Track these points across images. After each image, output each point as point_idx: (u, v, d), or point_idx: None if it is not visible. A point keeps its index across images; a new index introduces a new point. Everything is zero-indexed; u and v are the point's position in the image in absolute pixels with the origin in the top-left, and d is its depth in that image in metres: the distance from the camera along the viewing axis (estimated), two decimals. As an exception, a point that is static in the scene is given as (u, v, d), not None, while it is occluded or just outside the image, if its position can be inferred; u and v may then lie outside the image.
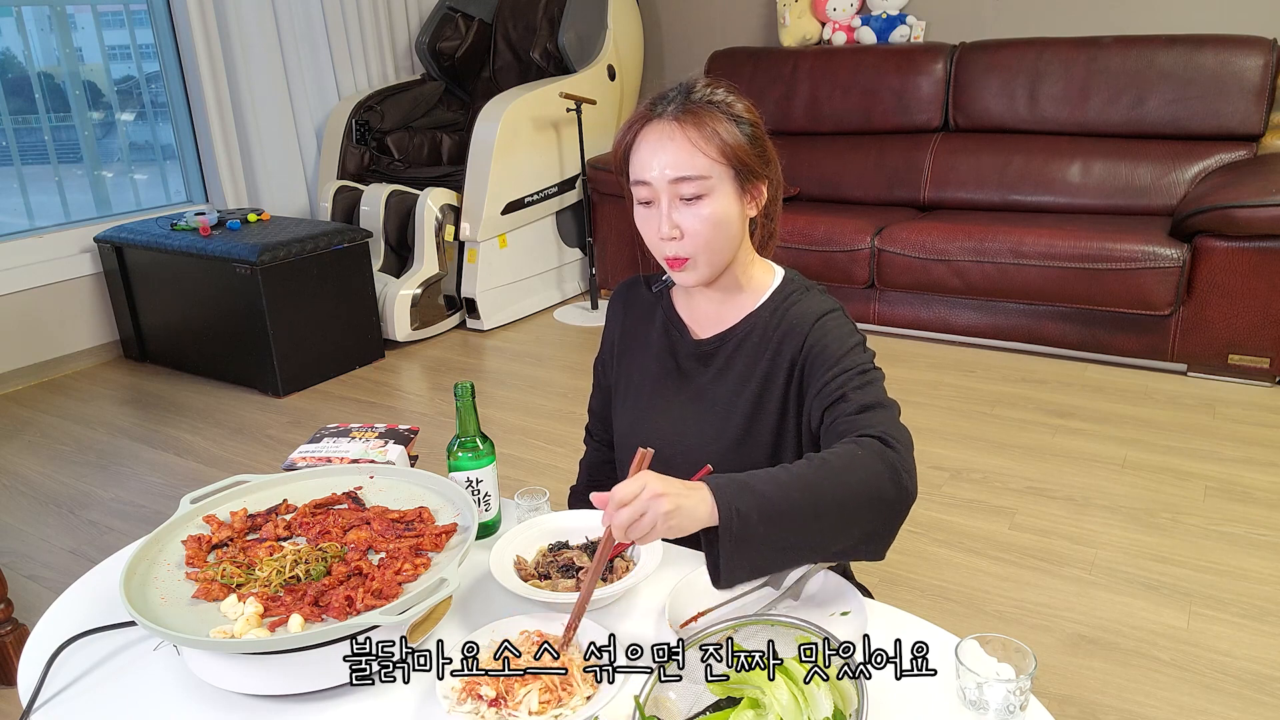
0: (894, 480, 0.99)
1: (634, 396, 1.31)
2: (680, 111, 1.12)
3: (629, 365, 1.33)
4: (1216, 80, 3.37)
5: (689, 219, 1.13)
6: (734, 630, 0.93)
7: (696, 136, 1.11)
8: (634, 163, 1.16)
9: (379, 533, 1.09)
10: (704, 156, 1.11)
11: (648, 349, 1.30)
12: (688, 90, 1.15)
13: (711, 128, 1.12)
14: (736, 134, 1.13)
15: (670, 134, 1.12)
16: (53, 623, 1.09)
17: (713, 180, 1.12)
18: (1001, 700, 0.87)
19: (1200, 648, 1.85)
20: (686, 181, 1.11)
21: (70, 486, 2.78)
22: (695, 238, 1.13)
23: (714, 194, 1.13)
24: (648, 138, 1.14)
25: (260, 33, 4.00)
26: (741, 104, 1.16)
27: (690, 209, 1.13)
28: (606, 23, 4.34)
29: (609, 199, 4.13)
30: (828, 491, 0.96)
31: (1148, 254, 3.03)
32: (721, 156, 1.12)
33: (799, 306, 1.20)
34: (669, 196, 1.13)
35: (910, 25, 4.05)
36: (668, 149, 1.12)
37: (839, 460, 0.99)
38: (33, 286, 3.57)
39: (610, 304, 1.39)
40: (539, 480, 2.64)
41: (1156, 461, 2.59)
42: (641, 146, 1.14)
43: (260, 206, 4.07)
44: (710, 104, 1.13)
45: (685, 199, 1.12)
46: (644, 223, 1.17)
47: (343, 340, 3.59)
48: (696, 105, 1.13)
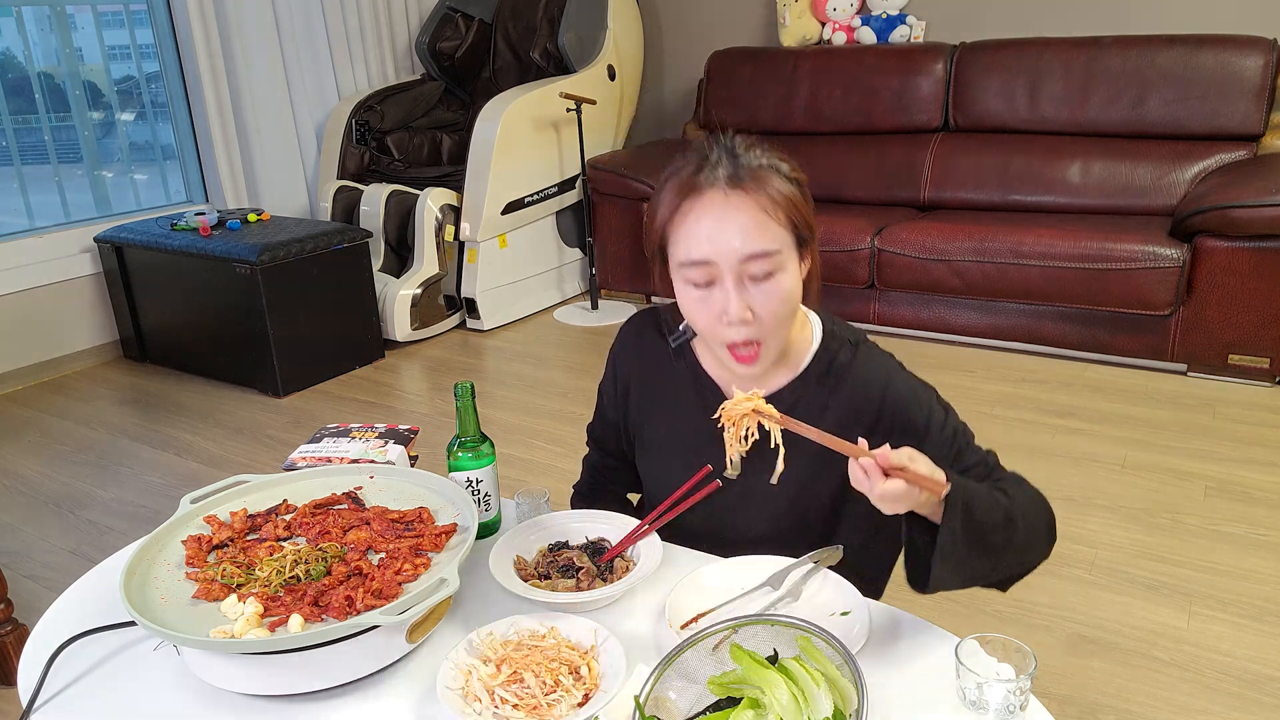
0: (1049, 538, 1.09)
1: (664, 463, 1.23)
2: (736, 177, 1.00)
3: (656, 423, 1.24)
4: (1216, 80, 3.37)
5: (761, 299, 1.01)
6: (734, 630, 0.93)
7: (767, 204, 0.99)
8: (684, 240, 1.02)
9: (379, 533, 1.09)
10: (776, 226, 1.00)
11: (675, 411, 1.21)
12: (731, 152, 1.03)
13: (777, 192, 1.00)
14: (797, 196, 1.02)
15: (735, 205, 0.99)
16: (52, 623, 1.09)
17: (783, 254, 1.01)
18: (1001, 700, 0.87)
19: (1200, 648, 1.85)
20: (760, 258, 0.99)
21: (70, 486, 2.78)
22: (769, 318, 1.02)
23: (785, 268, 1.01)
24: (705, 211, 1.00)
25: (260, 33, 4.00)
26: (787, 162, 1.05)
27: (761, 287, 1.00)
28: (606, 23, 4.34)
29: (609, 199, 4.13)
30: (1019, 517, 1.02)
31: (1148, 254, 3.03)
32: (789, 225, 1.01)
33: (855, 369, 1.12)
34: (736, 276, 1.00)
35: (910, 25, 4.05)
36: (735, 222, 0.99)
37: (1023, 494, 1.06)
38: (33, 286, 3.57)
39: (620, 343, 1.28)
40: (539, 480, 2.64)
41: (1156, 461, 2.59)
42: (696, 221, 1.00)
43: (260, 206, 4.07)
44: (763, 166, 1.02)
45: (755, 277, 1.00)
46: (700, 306, 1.03)
47: (343, 340, 3.59)
48: (753, 169, 1.01)
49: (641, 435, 1.28)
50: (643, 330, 1.26)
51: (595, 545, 1.17)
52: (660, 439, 1.25)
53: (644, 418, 1.27)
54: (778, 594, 1.07)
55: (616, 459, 1.39)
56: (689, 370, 1.19)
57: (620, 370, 1.29)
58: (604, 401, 1.34)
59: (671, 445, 1.23)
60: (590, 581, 1.10)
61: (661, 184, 1.07)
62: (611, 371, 1.30)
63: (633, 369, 1.27)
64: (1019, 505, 1.02)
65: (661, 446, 1.25)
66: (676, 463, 1.20)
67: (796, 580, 1.08)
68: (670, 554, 1.17)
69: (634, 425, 1.29)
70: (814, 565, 1.10)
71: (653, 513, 1.17)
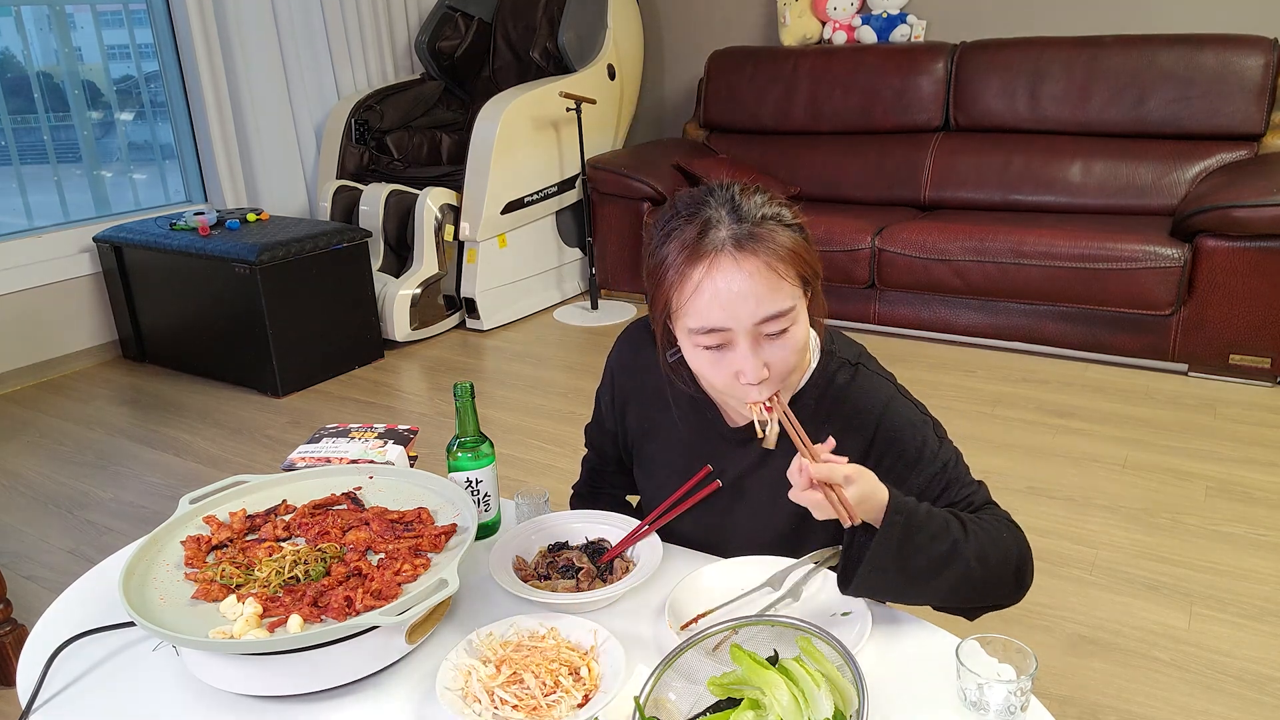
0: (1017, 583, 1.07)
1: (661, 480, 1.23)
2: (740, 238, 0.98)
3: (652, 445, 1.24)
4: (1217, 80, 3.37)
5: (776, 355, 1.01)
6: (734, 630, 0.93)
7: (776, 264, 0.98)
8: (695, 309, 0.99)
9: (378, 533, 1.09)
10: (788, 286, 0.99)
11: (672, 429, 1.21)
12: (732, 205, 1.00)
13: (784, 248, 0.98)
14: (802, 244, 1.01)
15: (744, 269, 0.97)
16: (52, 623, 1.09)
17: (796, 308, 1.00)
18: (1002, 701, 0.87)
19: (1201, 648, 1.85)
20: (774, 319, 0.98)
21: (69, 487, 2.78)
22: (781, 369, 1.02)
23: (797, 320, 1.01)
24: (716, 279, 0.97)
25: (260, 32, 4.00)
26: (788, 209, 1.02)
27: (775, 343, 1.00)
28: (606, 22, 4.33)
29: (609, 199, 4.12)
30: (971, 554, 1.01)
31: (1148, 254, 3.03)
32: (799, 279, 1.00)
33: (853, 392, 1.12)
34: (752, 338, 0.99)
35: (911, 25, 4.05)
36: (745, 288, 0.97)
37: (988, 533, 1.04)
38: (32, 286, 3.57)
39: (617, 355, 1.27)
40: (539, 480, 2.64)
41: (1157, 462, 2.59)
42: (707, 291, 0.98)
43: (259, 206, 4.06)
44: (766, 219, 0.99)
45: (769, 335, 1.00)
46: (713, 367, 1.03)
47: (342, 340, 3.59)
48: (755, 225, 0.99)
49: (639, 451, 1.28)
50: (640, 345, 1.24)
51: (595, 546, 1.17)
52: (658, 455, 1.25)
53: (642, 434, 1.26)
54: (778, 594, 1.07)
55: (614, 463, 1.39)
56: (687, 389, 1.18)
57: (618, 383, 1.28)
58: (601, 410, 1.33)
59: (670, 462, 1.23)
60: (590, 582, 1.10)
61: (662, 240, 1.04)
62: (609, 383, 1.29)
63: (630, 387, 1.26)
64: (975, 545, 1.01)
65: (659, 463, 1.25)
66: (674, 480, 1.20)
67: (796, 581, 1.08)
68: (670, 554, 1.17)
69: (632, 440, 1.29)
70: (814, 565, 1.10)
71: (653, 513, 1.17)
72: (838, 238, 3.56)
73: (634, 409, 1.26)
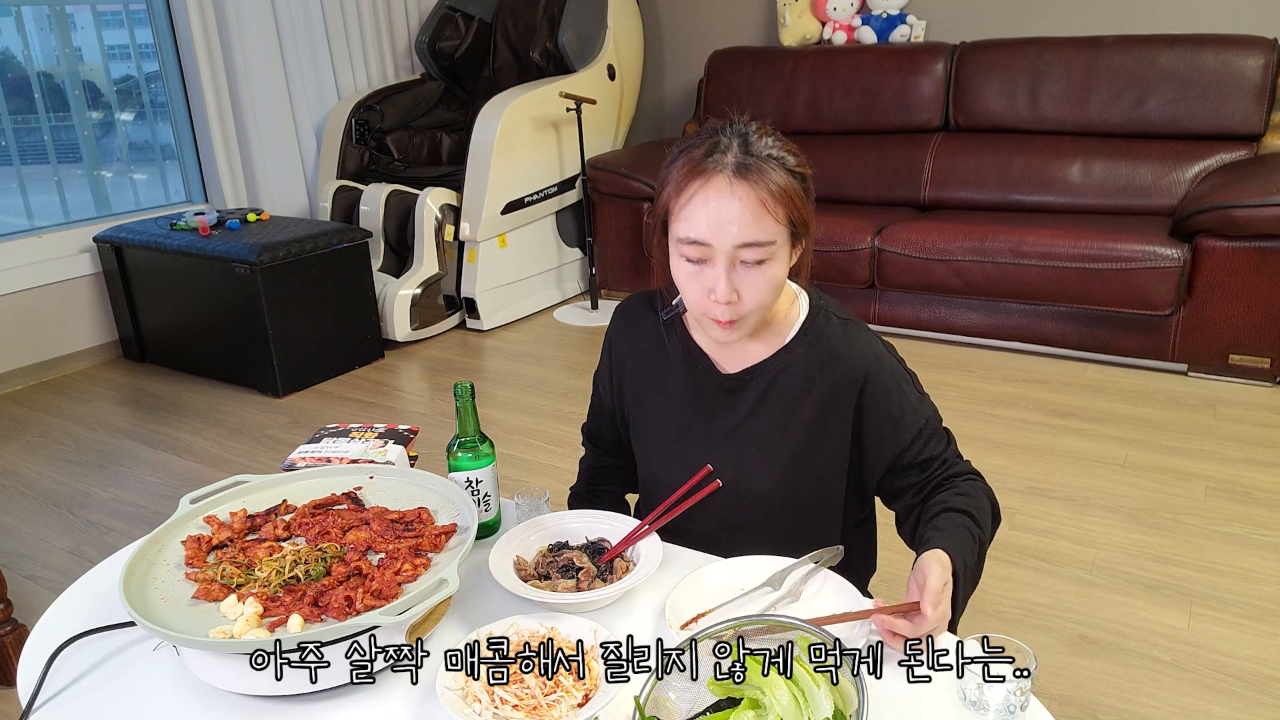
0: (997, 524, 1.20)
1: (659, 436, 1.26)
2: (742, 167, 1.03)
3: (648, 404, 1.27)
4: (1217, 80, 3.37)
5: (749, 283, 1.06)
6: (734, 630, 0.92)
7: (767, 198, 1.03)
8: (685, 218, 1.05)
9: (378, 533, 1.09)
10: (773, 221, 1.04)
11: (667, 383, 1.24)
12: (743, 138, 1.06)
13: (778, 187, 1.03)
14: (799, 191, 1.06)
15: (736, 194, 1.02)
16: (52, 623, 1.09)
17: (776, 245, 1.05)
18: (1002, 700, 0.87)
19: (1201, 648, 1.85)
20: (752, 247, 1.04)
21: (70, 486, 2.78)
22: (751, 301, 1.07)
23: (776, 258, 1.06)
24: (707, 195, 1.03)
25: (260, 32, 4.00)
26: (794, 156, 1.08)
27: (750, 273, 1.05)
28: (606, 22, 4.33)
29: (609, 199, 4.12)
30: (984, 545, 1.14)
31: (1148, 254, 3.03)
32: (787, 220, 1.05)
33: (841, 344, 1.15)
34: (729, 260, 1.04)
35: (910, 25, 4.05)
36: (733, 211, 1.02)
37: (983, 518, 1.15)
38: (32, 286, 3.57)
39: (614, 325, 1.31)
40: (539, 480, 2.64)
41: (1157, 461, 2.59)
42: (699, 204, 1.04)
43: (260, 206, 4.06)
44: (770, 158, 1.04)
45: (746, 262, 1.05)
46: (690, 280, 1.08)
47: (342, 340, 3.59)
48: (759, 160, 1.04)
49: (636, 414, 1.31)
50: (636, 311, 1.29)
51: (595, 545, 1.17)
52: (654, 413, 1.28)
53: (638, 396, 1.29)
54: (778, 594, 1.07)
55: (613, 456, 1.40)
56: (679, 343, 1.23)
57: (616, 351, 1.31)
58: (599, 390, 1.36)
59: (665, 419, 1.26)
60: (590, 582, 1.10)
61: (674, 157, 1.10)
62: (607, 356, 1.33)
63: (627, 350, 1.29)
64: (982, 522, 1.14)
65: (655, 421, 1.28)
66: (670, 435, 1.24)
67: (796, 581, 1.08)
68: (670, 554, 1.17)
69: (629, 407, 1.31)
70: (814, 565, 1.10)
71: (653, 513, 1.17)
72: (837, 237, 3.56)
73: (631, 370, 1.29)
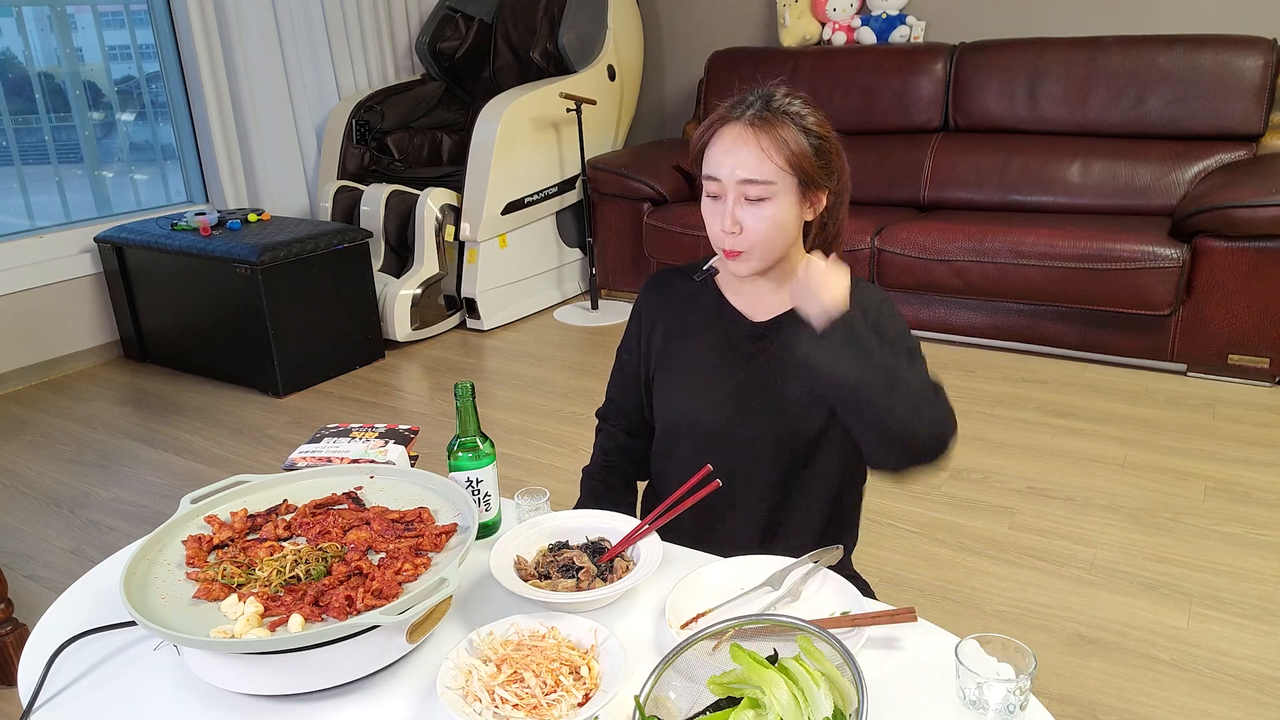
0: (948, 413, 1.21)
1: (686, 380, 1.36)
2: (757, 118, 1.21)
3: (677, 351, 1.37)
4: (1216, 80, 3.37)
5: (750, 218, 1.22)
6: (734, 630, 0.93)
7: (768, 144, 1.20)
8: (708, 158, 1.24)
9: (379, 533, 1.09)
10: (771, 164, 1.20)
11: (698, 334, 1.37)
12: (768, 98, 1.24)
13: (782, 137, 1.20)
14: (805, 145, 1.21)
15: (744, 138, 1.21)
16: (53, 623, 1.09)
17: (777, 186, 1.21)
18: (1001, 700, 0.87)
19: (1200, 648, 1.85)
20: (752, 184, 1.20)
21: (70, 486, 2.78)
22: (753, 235, 1.22)
23: (777, 198, 1.21)
24: (723, 138, 1.23)
25: (260, 33, 4.00)
26: (814, 117, 1.24)
27: (753, 209, 1.22)
28: (606, 23, 4.34)
29: (609, 199, 4.13)
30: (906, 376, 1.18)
31: (1148, 254, 3.03)
32: (788, 165, 1.20)
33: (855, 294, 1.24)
34: (735, 195, 1.22)
35: (910, 25, 4.05)
36: (739, 151, 1.21)
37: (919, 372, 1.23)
38: (33, 286, 3.57)
39: (644, 294, 1.43)
40: (539, 480, 2.64)
41: (1156, 461, 2.59)
42: (717, 145, 1.23)
43: (260, 206, 4.07)
44: (785, 114, 1.22)
45: (750, 199, 1.21)
46: (709, 214, 1.26)
47: (343, 340, 3.59)
48: (772, 114, 1.22)
49: (663, 363, 1.38)
50: (666, 279, 1.43)
51: (595, 545, 1.17)
52: (683, 358, 1.36)
53: (668, 344, 1.39)
54: (778, 594, 1.07)
55: (632, 434, 1.46)
56: (713, 300, 1.36)
57: (645, 316, 1.42)
58: (623, 359, 1.45)
59: (694, 362, 1.35)
60: (590, 581, 1.10)
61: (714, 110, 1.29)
62: (635, 321, 1.43)
63: (659, 310, 1.41)
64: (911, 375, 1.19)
65: (683, 365, 1.36)
66: (698, 378, 1.34)
67: (796, 580, 1.09)
68: (670, 554, 1.17)
69: (656, 359, 1.39)
70: (814, 565, 1.10)
71: (653, 513, 1.17)
72: (838, 238, 3.55)
73: (663, 326, 1.40)
